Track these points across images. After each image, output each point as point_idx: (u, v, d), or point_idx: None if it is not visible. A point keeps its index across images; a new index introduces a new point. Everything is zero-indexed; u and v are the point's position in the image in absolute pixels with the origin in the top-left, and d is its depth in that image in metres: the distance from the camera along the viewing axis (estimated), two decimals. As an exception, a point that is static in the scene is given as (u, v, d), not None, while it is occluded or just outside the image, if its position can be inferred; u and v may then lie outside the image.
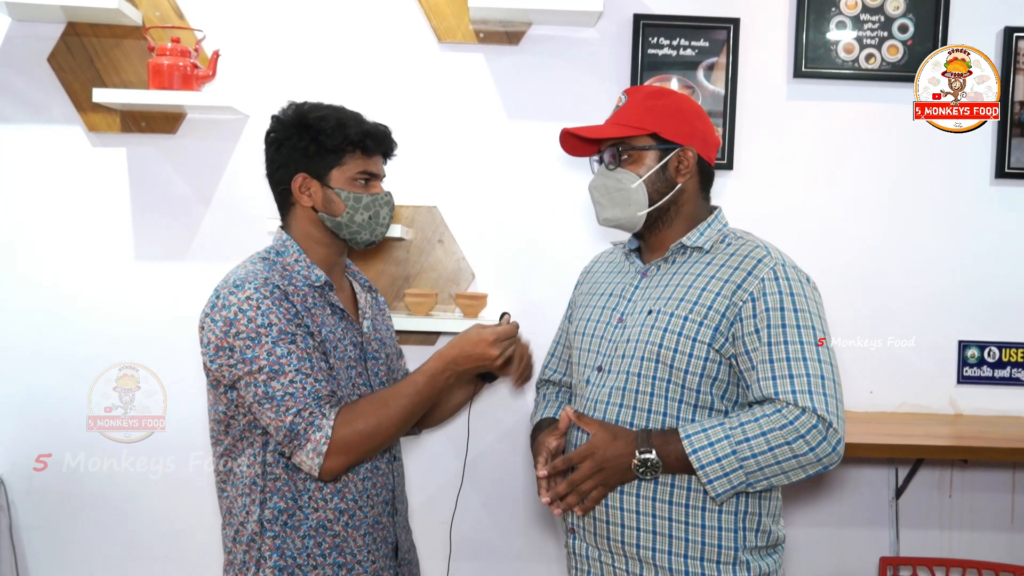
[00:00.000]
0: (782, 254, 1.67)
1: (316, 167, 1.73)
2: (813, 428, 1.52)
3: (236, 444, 1.70)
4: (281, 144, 1.74)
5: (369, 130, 1.75)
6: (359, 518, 1.72)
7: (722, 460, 1.53)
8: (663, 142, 1.69)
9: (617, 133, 1.70)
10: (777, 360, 1.56)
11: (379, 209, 1.77)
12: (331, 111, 1.74)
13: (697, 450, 1.53)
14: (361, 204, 1.74)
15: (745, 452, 1.52)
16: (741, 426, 1.53)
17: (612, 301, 1.78)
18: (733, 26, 2.58)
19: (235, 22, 2.57)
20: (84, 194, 2.58)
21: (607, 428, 1.62)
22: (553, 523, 2.64)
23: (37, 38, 2.55)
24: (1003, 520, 2.67)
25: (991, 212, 2.64)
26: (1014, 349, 2.64)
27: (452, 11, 2.57)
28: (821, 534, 2.67)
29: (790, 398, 1.53)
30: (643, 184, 1.69)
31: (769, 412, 1.54)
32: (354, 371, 1.74)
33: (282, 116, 1.76)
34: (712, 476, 1.54)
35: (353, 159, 1.74)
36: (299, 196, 1.75)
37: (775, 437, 1.51)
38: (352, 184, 1.74)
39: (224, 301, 1.63)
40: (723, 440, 1.53)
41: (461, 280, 2.62)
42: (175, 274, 2.59)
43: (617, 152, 1.71)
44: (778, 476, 1.54)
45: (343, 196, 1.73)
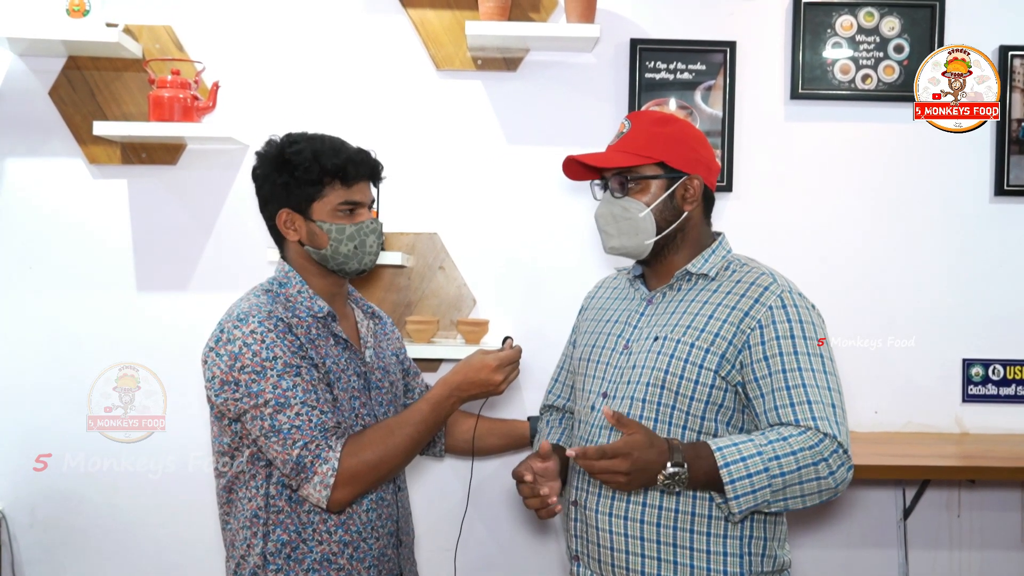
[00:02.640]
0: (787, 280, 1.68)
1: (297, 201, 1.71)
2: (834, 453, 1.52)
3: (239, 476, 1.69)
4: (263, 181, 1.74)
5: (348, 158, 1.71)
6: (363, 550, 1.71)
7: (752, 476, 1.49)
8: (670, 171, 1.69)
9: (626, 162, 1.69)
10: (794, 387, 1.56)
11: (365, 238, 1.74)
12: (307, 143, 1.71)
13: (729, 463, 1.50)
14: (345, 235, 1.72)
15: (775, 470, 1.50)
16: (771, 444, 1.51)
17: (618, 328, 1.77)
18: (729, 49, 2.59)
19: (234, 53, 2.58)
20: (86, 226, 2.59)
21: (646, 432, 1.53)
22: (559, 549, 2.62)
23: (39, 72, 2.56)
24: (1013, 539, 2.65)
25: (992, 229, 2.64)
26: (1019, 367, 2.63)
27: (450, 39, 2.58)
28: (829, 557, 2.64)
29: (811, 424, 1.53)
30: (651, 213, 1.68)
31: (796, 433, 1.52)
32: (358, 401, 1.74)
33: (264, 152, 1.75)
34: (740, 492, 1.50)
35: (333, 190, 1.71)
36: (285, 231, 1.74)
37: (803, 458, 1.50)
38: (334, 216, 1.72)
39: (229, 335, 1.63)
40: (755, 456, 1.50)
41: (463, 306, 2.62)
42: (177, 304, 2.59)
43: (624, 180, 1.70)
44: (795, 499, 1.53)
45: (326, 228, 1.71)
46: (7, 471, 2.59)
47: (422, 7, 2.58)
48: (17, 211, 2.59)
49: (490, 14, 2.46)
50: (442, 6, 2.58)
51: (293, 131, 1.78)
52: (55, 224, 2.59)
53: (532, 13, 2.59)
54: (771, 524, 1.65)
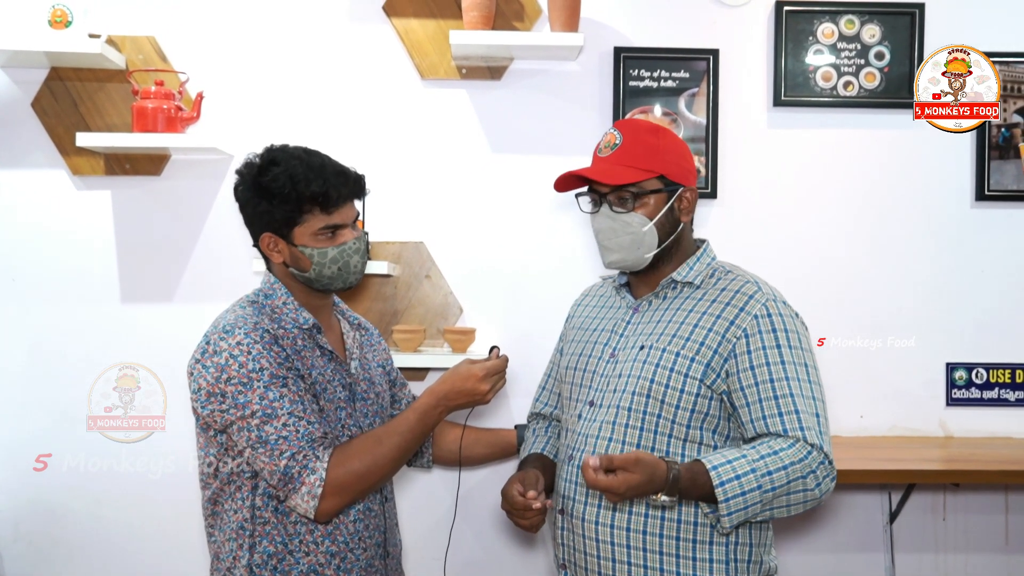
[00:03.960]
0: (772, 289, 1.69)
1: (278, 227, 1.70)
2: (821, 464, 1.54)
3: (224, 488, 1.69)
4: (244, 203, 1.73)
5: (328, 183, 1.66)
6: (351, 561, 1.71)
7: (747, 494, 1.51)
8: (669, 183, 1.69)
9: (633, 178, 1.67)
10: (781, 396, 1.57)
11: (348, 259, 1.73)
12: (284, 169, 1.66)
13: (724, 483, 1.51)
14: (328, 259, 1.71)
15: (767, 486, 1.52)
16: (763, 459, 1.52)
17: (604, 336, 1.78)
18: (712, 57, 2.61)
19: (218, 63, 2.57)
20: (70, 238, 2.57)
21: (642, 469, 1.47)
22: (548, 558, 2.62)
23: (21, 83, 2.55)
24: (997, 542, 2.66)
25: (973, 234, 2.66)
26: (1001, 370, 2.65)
27: (434, 48, 2.59)
28: (816, 561, 2.65)
29: (799, 434, 1.55)
30: (654, 227, 1.69)
31: (786, 446, 1.54)
32: (343, 412, 1.73)
33: (244, 172, 1.72)
34: (733, 508, 1.51)
35: (313, 216, 1.68)
36: (270, 253, 1.74)
37: (793, 472, 1.52)
38: (316, 240, 1.70)
39: (215, 347, 1.63)
40: (750, 474, 1.51)
41: (449, 315, 2.62)
42: (162, 315, 2.57)
43: (627, 196, 1.68)
44: (781, 509, 1.56)
45: (308, 253, 1.70)
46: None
47: (406, 16, 2.59)
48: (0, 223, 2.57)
49: (474, 23, 2.46)
50: (426, 15, 2.58)
51: (275, 143, 1.75)
52: (39, 236, 2.57)
53: (516, 22, 2.60)
54: (757, 530, 1.66)
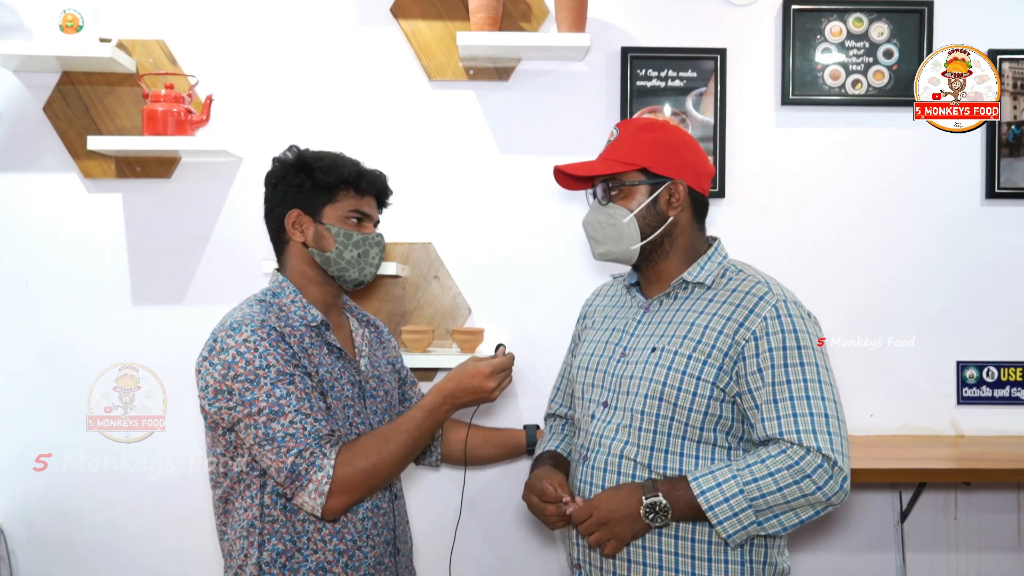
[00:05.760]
0: (783, 289, 1.68)
1: (310, 203, 1.76)
2: (819, 467, 1.53)
3: (234, 486, 1.70)
4: (278, 182, 1.79)
5: (363, 171, 1.79)
6: (359, 558, 1.71)
7: (730, 500, 1.52)
8: (653, 176, 1.70)
9: (607, 169, 1.71)
10: (781, 400, 1.57)
11: (369, 248, 1.79)
12: (328, 153, 1.80)
13: (705, 491, 1.54)
14: (351, 241, 1.76)
15: (754, 492, 1.52)
16: (748, 467, 1.54)
17: (615, 336, 1.78)
18: (720, 56, 2.61)
19: (228, 66, 2.59)
20: (81, 241, 2.59)
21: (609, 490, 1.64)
22: (559, 559, 2.62)
23: (33, 88, 2.57)
24: (1010, 541, 2.65)
25: (983, 232, 2.65)
26: (1013, 368, 2.64)
27: (442, 49, 2.60)
28: (827, 561, 2.64)
29: (795, 438, 1.54)
30: (634, 219, 1.70)
31: (775, 453, 1.54)
32: (352, 410, 1.74)
33: (283, 157, 1.81)
34: (722, 517, 1.53)
35: (346, 197, 1.78)
36: (292, 232, 1.77)
37: (783, 477, 1.52)
38: (344, 221, 1.77)
39: (222, 344, 1.64)
40: (730, 480, 1.53)
41: (457, 315, 2.62)
42: (172, 317, 2.59)
43: (608, 187, 1.72)
44: (788, 515, 1.55)
45: (333, 232, 1.75)
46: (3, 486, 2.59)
47: (413, 18, 2.60)
48: (12, 227, 2.59)
49: (481, 24, 2.47)
50: (433, 17, 2.60)
51: (296, 145, 1.84)
52: (51, 239, 2.59)
53: (523, 23, 2.61)
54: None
